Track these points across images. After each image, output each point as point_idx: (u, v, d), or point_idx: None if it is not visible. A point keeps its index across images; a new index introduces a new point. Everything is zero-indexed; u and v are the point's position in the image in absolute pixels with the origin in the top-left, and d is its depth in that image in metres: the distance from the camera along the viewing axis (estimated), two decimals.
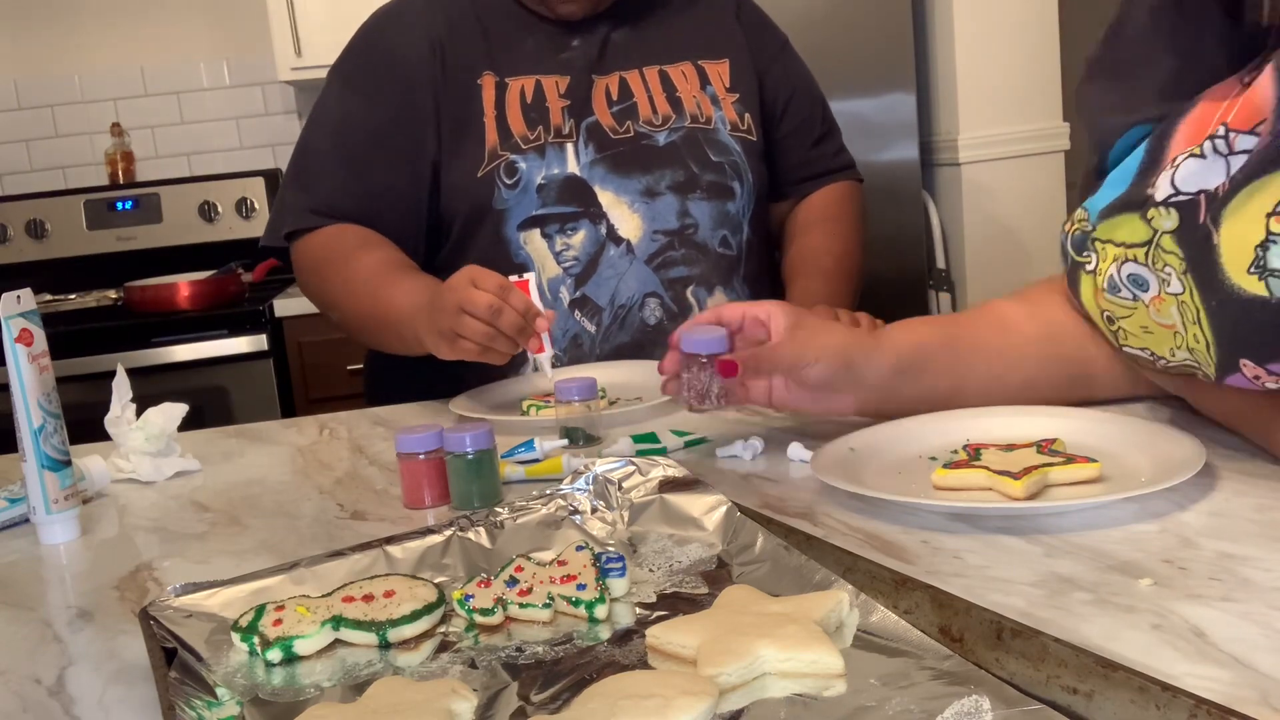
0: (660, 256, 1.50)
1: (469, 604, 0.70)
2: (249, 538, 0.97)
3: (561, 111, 1.50)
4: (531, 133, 1.48)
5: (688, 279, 1.51)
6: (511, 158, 1.47)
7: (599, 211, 1.49)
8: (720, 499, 0.81)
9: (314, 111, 1.58)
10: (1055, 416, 0.97)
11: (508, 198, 1.47)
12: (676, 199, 1.51)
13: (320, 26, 2.86)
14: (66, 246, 3.19)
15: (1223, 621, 0.62)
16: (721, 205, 1.54)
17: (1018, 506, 0.80)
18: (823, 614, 0.63)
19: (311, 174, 1.54)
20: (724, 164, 1.55)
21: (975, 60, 2.88)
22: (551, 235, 1.48)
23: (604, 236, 1.49)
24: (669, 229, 1.51)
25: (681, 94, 1.56)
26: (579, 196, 1.49)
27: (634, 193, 1.50)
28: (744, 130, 1.57)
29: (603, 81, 1.54)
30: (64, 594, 0.91)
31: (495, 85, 1.50)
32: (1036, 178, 2.93)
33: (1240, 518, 0.77)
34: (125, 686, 0.70)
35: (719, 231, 1.54)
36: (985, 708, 0.53)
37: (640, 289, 1.49)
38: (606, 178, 1.49)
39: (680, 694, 0.55)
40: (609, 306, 1.49)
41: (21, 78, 3.27)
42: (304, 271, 1.54)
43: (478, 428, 0.97)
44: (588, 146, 1.50)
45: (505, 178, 1.47)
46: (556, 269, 1.48)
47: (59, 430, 1.03)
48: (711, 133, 1.55)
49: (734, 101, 1.58)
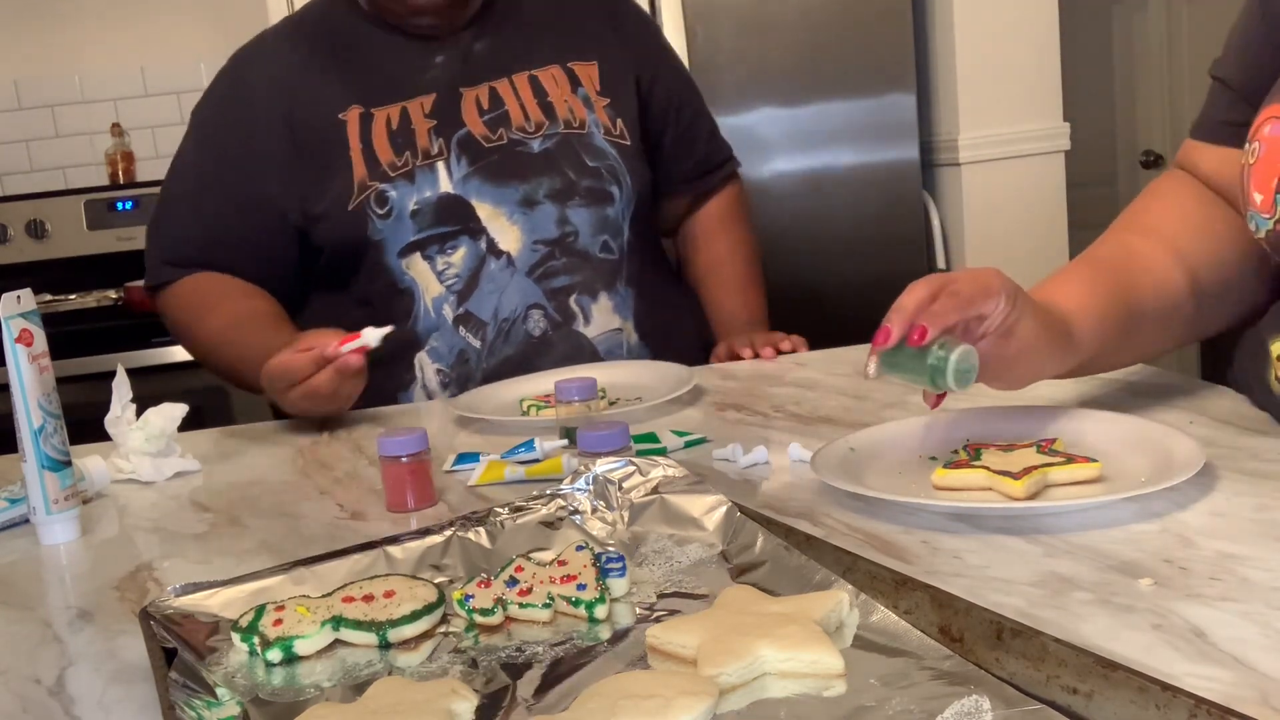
0: (541, 267, 1.49)
1: (469, 604, 0.70)
2: (249, 538, 0.97)
3: (428, 133, 1.49)
4: (399, 159, 1.47)
5: (570, 287, 1.50)
6: (381, 187, 1.46)
7: (478, 226, 1.48)
8: (720, 499, 0.81)
9: (174, 159, 1.60)
10: (1055, 416, 0.97)
11: (382, 228, 1.47)
12: (555, 207, 1.50)
13: None
14: (66, 246, 3.19)
15: (1223, 621, 0.62)
16: (601, 210, 1.53)
17: (1018, 506, 0.80)
18: (823, 614, 0.62)
19: (163, 222, 1.58)
20: (600, 168, 1.53)
21: (975, 60, 2.88)
22: (432, 256, 1.48)
23: (484, 251, 1.48)
24: (548, 238, 1.50)
25: (553, 99, 1.54)
26: (456, 214, 1.48)
27: (512, 203, 1.49)
28: (617, 135, 1.56)
29: (471, 93, 1.52)
30: (64, 594, 0.91)
31: (360, 117, 1.49)
32: (1036, 178, 2.93)
33: (1240, 518, 0.77)
34: (125, 686, 0.70)
35: (599, 237, 1.53)
36: (985, 708, 0.53)
37: (523, 301, 1.48)
38: (483, 189, 1.48)
39: (680, 694, 0.55)
40: (493, 320, 1.48)
41: (21, 78, 3.27)
42: (168, 324, 1.59)
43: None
44: (460, 160, 1.48)
45: (376, 208, 1.47)
46: (439, 288, 1.48)
47: (59, 430, 1.03)
48: (586, 137, 1.54)
49: (605, 106, 1.56)
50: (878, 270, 2.69)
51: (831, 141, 1.80)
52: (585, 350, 1.50)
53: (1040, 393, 1.15)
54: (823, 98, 2.72)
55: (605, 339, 1.51)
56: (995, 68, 2.88)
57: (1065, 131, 2.94)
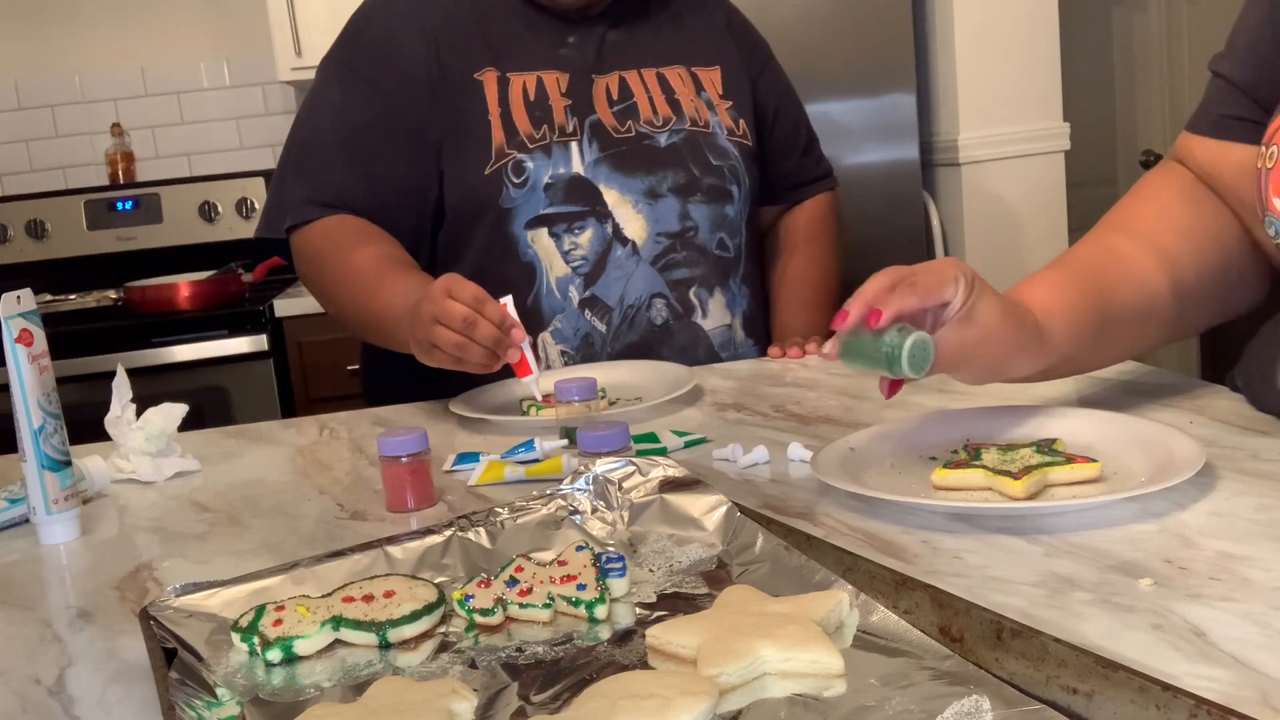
0: (664, 258, 1.51)
1: (469, 604, 0.70)
2: (249, 538, 0.97)
3: (564, 110, 1.50)
4: (537, 131, 1.49)
5: (690, 280, 1.52)
6: (519, 157, 1.47)
7: (605, 211, 1.49)
8: (720, 499, 0.81)
9: (309, 102, 1.57)
10: (1055, 416, 0.97)
11: (515, 196, 1.47)
12: (677, 201, 1.52)
13: (320, 26, 2.86)
14: (66, 246, 3.19)
15: (1223, 621, 0.62)
16: (720, 209, 1.55)
17: (1018, 506, 0.80)
18: (823, 614, 0.62)
19: (312, 163, 1.53)
20: (723, 168, 1.56)
21: (975, 60, 2.88)
22: (559, 234, 1.48)
23: (610, 236, 1.49)
24: (670, 231, 1.51)
25: (680, 96, 1.56)
26: (585, 195, 1.49)
27: (637, 192, 1.50)
28: (740, 135, 1.58)
29: (602, 80, 1.54)
30: (64, 594, 0.91)
31: (498, 81, 1.50)
32: (1036, 178, 2.93)
33: (1240, 518, 0.77)
34: (125, 686, 0.70)
35: (717, 234, 1.54)
36: (985, 708, 0.53)
37: (647, 289, 1.50)
38: (611, 176, 1.50)
39: (680, 694, 0.55)
40: (618, 306, 1.49)
41: (21, 78, 3.27)
42: (302, 263, 1.54)
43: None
44: (591, 144, 1.50)
45: (513, 176, 1.47)
46: (565, 268, 1.48)
47: (59, 430, 1.03)
48: (710, 136, 1.56)
49: (728, 108, 1.59)
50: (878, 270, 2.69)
51: (831, 141, 1.80)
52: (702, 342, 1.53)
53: (1040, 393, 1.15)
54: (823, 97, 2.72)
55: (718, 334, 1.54)
56: (995, 68, 2.88)
57: (1065, 131, 2.94)
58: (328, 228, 1.50)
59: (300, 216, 1.51)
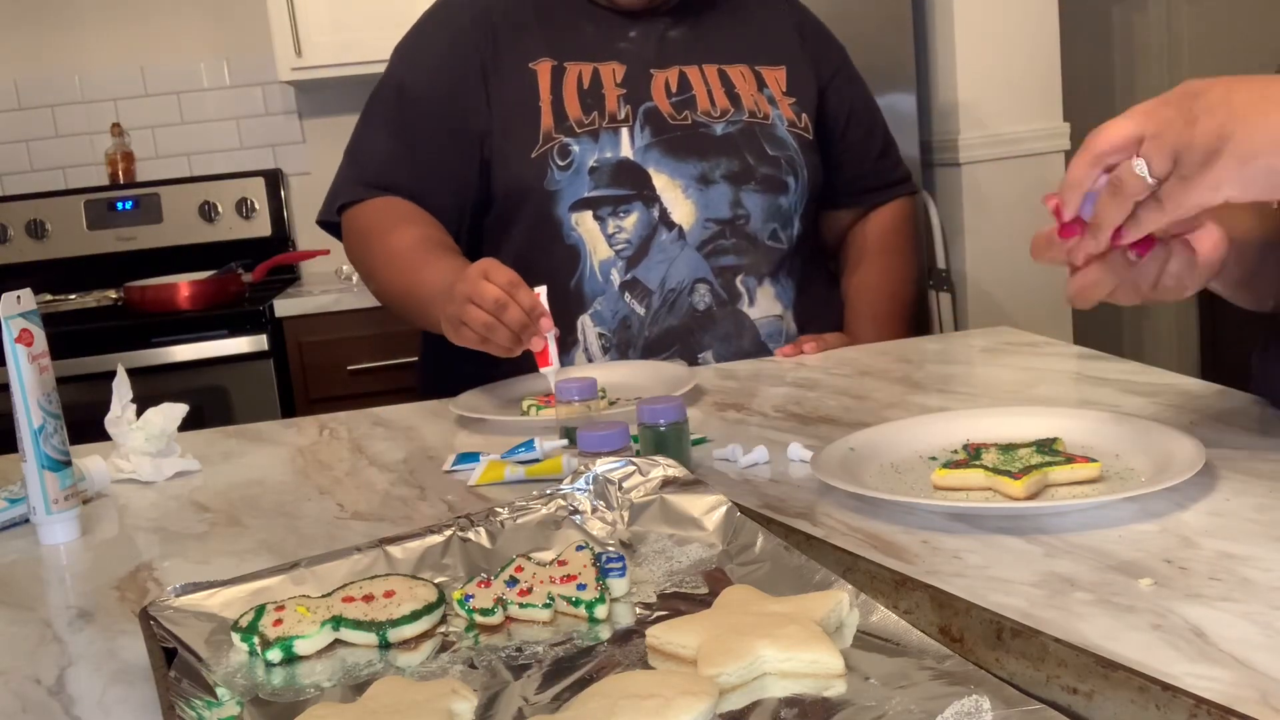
0: (711, 244, 1.51)
1: (469, 604, 0.70)
2: (249, 538, 0.97)
3: (618, 99, 1.52)
4: (586, 117, 1.50)
5: (737, 268, 1.52)
6: (565, 140, 1.49)
7: (652, 195, 1.50)
8: (720, 499, 0.81)
9: (375, 88, 1.62)
10: (1055, 416, 0.97)
11: (560, 179, 1.49)
12: (730, 188, 1.52)
13: (320, 26, 2.86)
14: (66, 246, 3.19)
15: (1223, 621, 0.62)
16: (774, 199, 1.55)
17: (1018, 506, 0.80)
18: (823, 614, 0.62)
19: (363, 148, 1.60)
20: (780, 158, 1.56)
21: (975, 60, 2.88)
22: (604, 217, 1.49)
23: (656, 220, 1.50)
24: (721, 218, 1.52)
25: (740, 91, 1.57)
26: (632, 179, 1.50)
27: (688, 177, 1.51)
28: (801, 128, 1.58)
29: (661, 75, 1.55)
30: (64, 594, 0.91)
31: (552, 70, 1.52)
32: (1036, 178, 2.93)
33: (1240, 518, 0.77)
34: (125, 686, 0.70)
35: (770, 224, 1.54)
36: (985, 708, 0.53)
37: (690, 274, 1.50)
38: (662, 161, 1.50)
39: (680, 694, 0.55)
40: (659, 290, 1.50)
41: (21, 78, 3.27)
42: (350, 242, 1.59)
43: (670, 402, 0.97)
44: (644, 130, 1.51)
45: (558, 159, 1.49)
46: (608, 251, 1.49)
47: (59, 430, 1.03)
48: (769, 128, 1.56)
49: (791, 104, 1.59)
50: None
51: None
52: (748, 330, 1.53)
53: (1040, 393, 1.15)
54: None
55: (767, 323, 1.54)
56: (995, 68, 2.88)
57: (1065, 131, 2.94)
58: (375, 208, 1.55)
59: (349, 197, 1.57)
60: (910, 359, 1.41)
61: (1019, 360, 1.33)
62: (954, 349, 1.50)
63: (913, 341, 1.54)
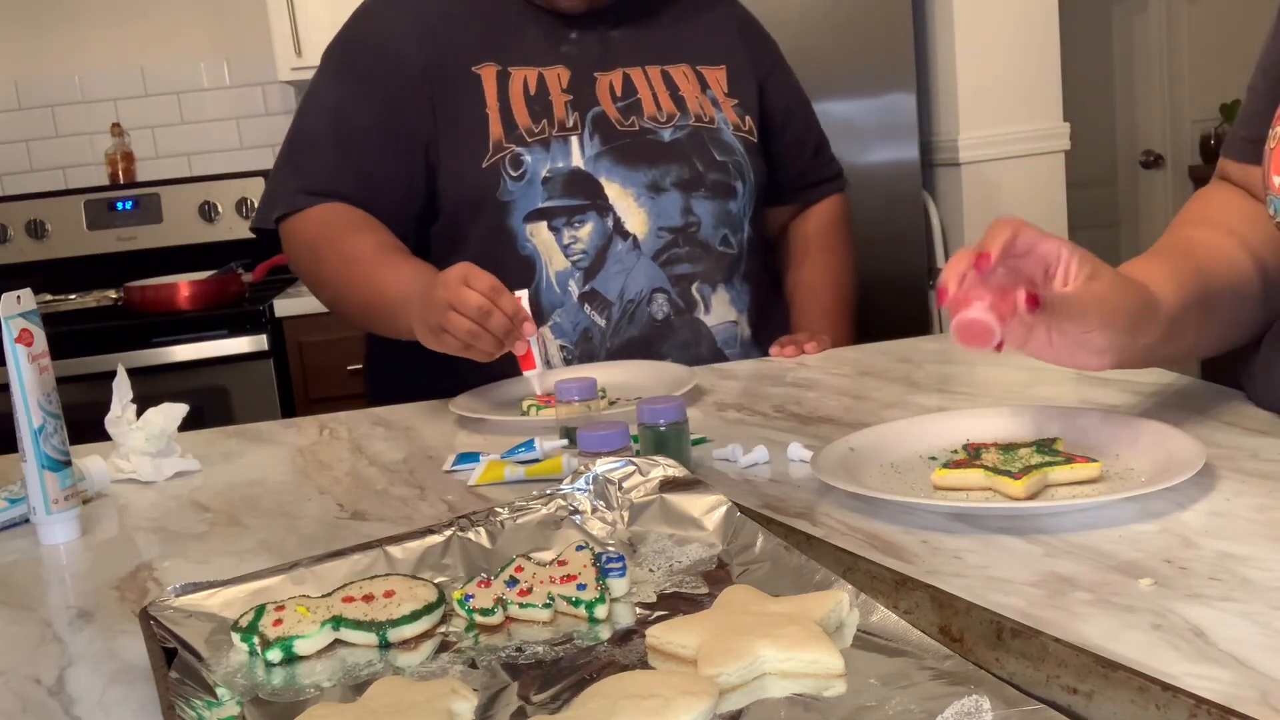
0: (666, 253, 1.51)
1: (469, 604, 0.70)
2: (249, 538, 0.97)
3: (565, 105, 1.50)
4: (536, 125, 1.49)
5: (692, 275, 1.52)
6: (517, 150, 1.47)
7: (605, 204, 1.49)
8: (720, 499, 0.81)
9: (306, 97, 1.58)
10: (1055, 416, 0.97)
11: (513, 189, 1.47)
12: (680, 196, 1.52)
13: (320, 26, 2.86)
14: (66, 246, 3.19)
15: (1223, 621, 0.62)
16: (724, 204, 1.54)
17: (1018, 506, 0.80)
18: (823, 614, 0.62)
19: (305, 157, 1.54)
20: (727, 163, 1.55)
21: (975, 60, 2.88)
22: (559, 228, 1.48)
23: (611, 230, 1.49)
24: (673, 226, 1.51)
25: (684, 93, 1.56)
26: (585, 189, 1.49)
27: (639, 186, 1.50)
28: (745, 131, 1.58)
29: (606, 77, 1.54)
30: (64, 594, 0.91)
31: (497, 75, 1.50)
32: (1036, 178, 2.93)
33: (1240, 518, 0.77)
34: (125, 686, 0.70)
35: (720, 230, 1.54)
36: (985, 708, 0.53)
37: (648, 284, 1.50)
38: (613, 169, 1.50)
39: (680, 694, 0.55)
40: (618, 301, 1.49)
41: (21, 78, 3.27)
42: (295, 251, 1.54)
43: (670, 402, 0.97)
44: (593, 138, 1.50)
45: (510, 170, 1.47)
46: (565, 262, 1.48)
47: (59, 430, 1.03)
48: (715, 132, 1.56)
49: (734, 106, 1.59)
50: (878, 270, 2.69)
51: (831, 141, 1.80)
52: (705, 338, 1.53)
53: (1040, 393, 1.15)
54: (822, 97, 2.71)
55: (723, 330, 1.54)
56: (995, 68, 2.88)
57: (1065, 131, 2.94)
58: (323, 215, 1.50)
59: (291, 205, 1.52)
60: (910, 359, 1.41)
61: (1019, 360, 1.33)
62: (954, 349, 1.50)
63: (913, 341, 1.54)
